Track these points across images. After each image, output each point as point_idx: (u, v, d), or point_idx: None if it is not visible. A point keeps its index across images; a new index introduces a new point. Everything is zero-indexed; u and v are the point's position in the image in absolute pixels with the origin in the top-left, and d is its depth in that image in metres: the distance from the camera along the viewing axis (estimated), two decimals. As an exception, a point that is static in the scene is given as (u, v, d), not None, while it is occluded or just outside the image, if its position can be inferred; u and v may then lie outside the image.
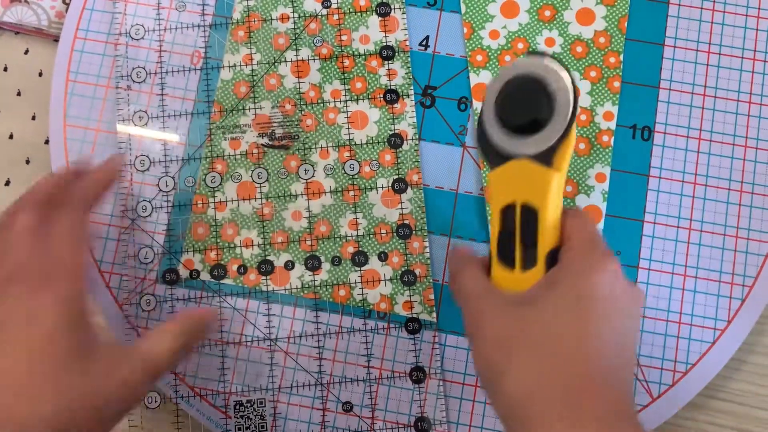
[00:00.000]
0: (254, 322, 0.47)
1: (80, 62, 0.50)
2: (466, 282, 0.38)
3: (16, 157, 0.50)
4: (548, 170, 0.36)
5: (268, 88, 0.49)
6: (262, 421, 0.45)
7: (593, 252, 0.36)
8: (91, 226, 0.41)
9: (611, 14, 0.49)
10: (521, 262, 0.37)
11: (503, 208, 0.38)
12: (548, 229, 0.36)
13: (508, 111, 0.37)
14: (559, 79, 0.36)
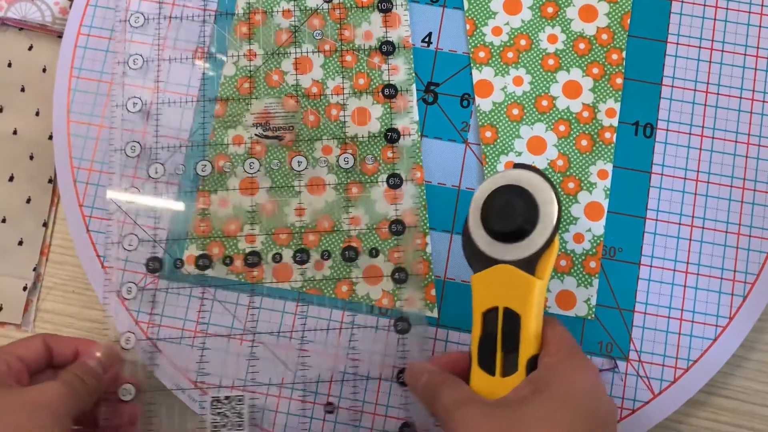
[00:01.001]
0: (257, 318, 0.47)
1: (84, 58, 0.50)
2: (448, 395, 0.37)
3: (19, 152, 0.51)
4: (532, 278, 0.37)
5: (270, 84, 0.49)
6: (239, 418, 0.45)
7: (575, 358, 0.37)
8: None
9: (614, 11, 0.49)
10: (502, 368, 0.38)
11: (485, 311, 0.38)
12: (530, 335, 0.37)
13: (494, 218, 0.38)
14: (544, 192, 0.37)
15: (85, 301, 0.48)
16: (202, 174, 0.48)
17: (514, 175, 0.38)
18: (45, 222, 0.49)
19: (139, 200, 0.48)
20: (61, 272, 0.48)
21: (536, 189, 0.38)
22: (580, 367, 0.37)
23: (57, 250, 0.49)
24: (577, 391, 0.36)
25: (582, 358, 0.37)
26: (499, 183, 0.39)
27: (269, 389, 0.46)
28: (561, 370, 0.36)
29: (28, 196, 0.49)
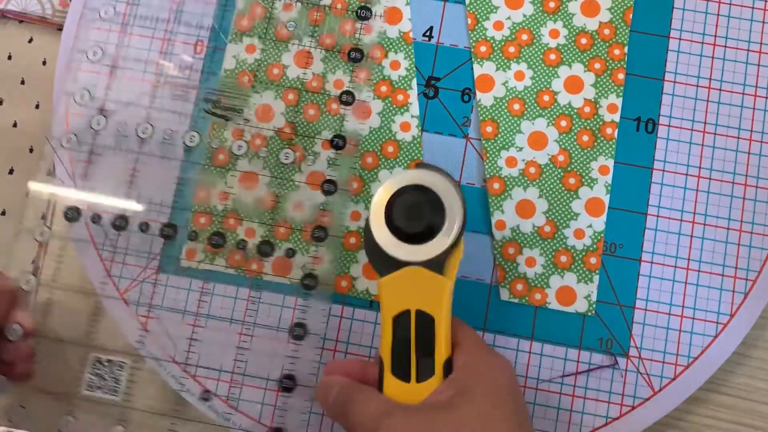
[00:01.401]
0: (257, 310, 0.47)
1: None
2: (364, 407, 0.36)
3: (19, 145, 0.51)
4: (443, 279, 0.37)
5: (270, 78, 0.49)
6: (116, 384, 0.44)
7: (491, 357, 0.37)
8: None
9: (616, 6, 0.49)
10: (417, 373, 0.37)
11: (396, 315, 0.37)
12: (444, 337, 0.37)
13: (400, 219, 0.37)
14: (449, 191, 0.37)
15: (83, 294, 0.48)
16: (205, 168, 0.48)
17: (418, 175, 0.37)
18: (44, 215, 0.49)
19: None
20: (59, 265, 0.48)
21: (440, 189, 0.37)
22: (499, 366, 0.37)
23: (56, 243, 0.49)
24: (501, 390, 0.36)
25: (497, 357, 0.38)
26: (402, 183, 0.37)
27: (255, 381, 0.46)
28: (482, 371, 0.36)
29: (27, 189, 0.49)
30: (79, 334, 0.46)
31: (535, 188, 0.47)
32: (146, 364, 0.46)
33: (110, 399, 0.44)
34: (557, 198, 0.47)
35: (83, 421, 0.44)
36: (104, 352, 0.45)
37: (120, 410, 0.45)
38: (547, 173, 0.48)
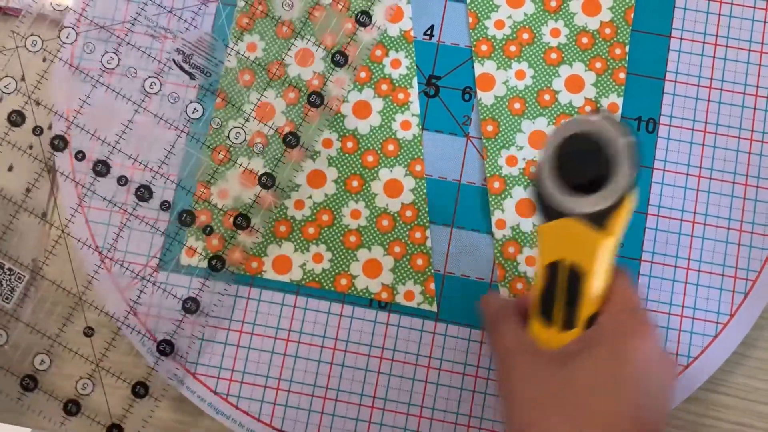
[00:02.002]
0: (257, 310, 0.47)
1: (83, 48, 0.50)
2: (504, 336, 0.38)
3: (19, 142, 0.50)
4: (600, 233, 0.35)
5: (271, 76, 0.49)
6: (11, 293, 0.46)
7: (634, 317, 0.36)
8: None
9: (617, 5, 0.49)
10: (561, 321, 0.37)
11: (549, 264, 0.37)
12: (593, 293, 0.36)
13: (566, 167, 0.35)
14: (620, 143, 0.34)
15: (82, 291, 0.48)
16: (205, 166, 0.48)
17: (590, 122, 0.35)
18: (44, 212, 0.49)
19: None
20: (59, 262, 0.48)
21: (613, 138, 0.34)
22: (634, 329, 0.36)
23: (41, 246, 0.49)
24: (625, 354, 0.35)
25: (640, 321, 0.36)
26: (574, 129, 0.35)
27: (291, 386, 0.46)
28: (613, 331, 0.36)
29: (26, 186, 0.49)
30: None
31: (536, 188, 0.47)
32: (43, 283, 0.47)
33: (1, 304, 0.46)
34: (557, 197, 0.47)
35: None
36: (8, 260, 0.47)
37: (7, 318, 0.46)
38: (548, 172, 0.48)
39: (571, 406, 0.34)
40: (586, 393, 0.34)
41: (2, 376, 0.47)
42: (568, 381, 0.35)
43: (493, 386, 0.46)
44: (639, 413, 0.35)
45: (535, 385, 0.35)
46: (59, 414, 0.46)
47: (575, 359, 0.35)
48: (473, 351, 0.46)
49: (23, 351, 0.47)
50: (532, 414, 0.35)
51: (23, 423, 0.47)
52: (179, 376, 0.46)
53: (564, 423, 0.34)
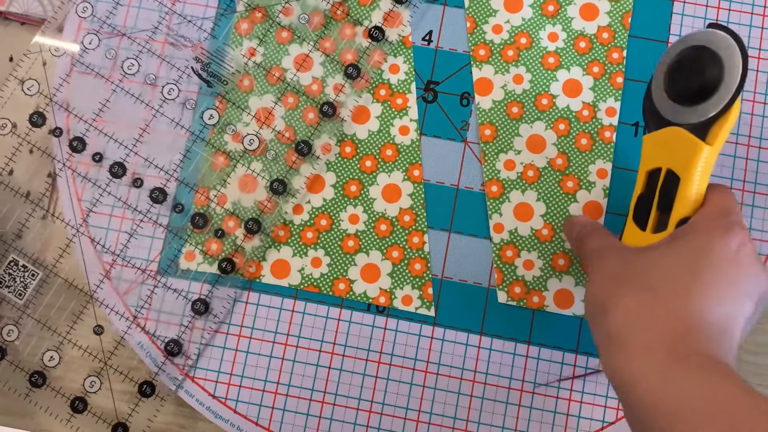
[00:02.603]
0: (255, 314, 0.47)
1: (84, 53, 0.50)
2: (593, 240, 0.40)
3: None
4: (700, 142, 0.37)
5: (270, 81, 0.49)
6: (24, 289, 0.47)
7: (725, 218, 0.36)
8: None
9: (615, 10, 0.49)
10: (653, 225, 0.39)
11: (650, 171, 0.40)
12: (686, 197, 0.37)
13: (676, 78, 0.38)
14: (732, 57, 0.36)
15: (93, 289, 0.48)
16: (204, 171, 0.48)
17: (701, 33, 0.37)
18: (44, 215, 0.49)
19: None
20: (60, 265, 0.48)
21: (724, 51, 0.36)
22: (723, 227, 0.36)
23: (43, 237, 0.49)
24: (709, 246, 0.35)
25: (732, 221, 0.36)
26: (690, 43, 0.38)
27: (289, 390, 0.47)
28: (702, 227, 0.36)
29: (27, 190, 0.49)
30: (6, 233, 0.48)
31: (533, 191, 0.48)
32: (56, 281, 0.48)
33: (13, 300, 0.47)
34: (555, 201, 0.47)
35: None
36: (23, 257, 0.47)
37: (19, 314, 0.47)
38: (546, 176, 0.48)
39: (645, 284, 0.35)
40: (662, 273, 0.35)
41: (11, 371, 0.47)
42: (648, 263, 0.36)
43: (491, 391, 0.46)
44: (709, 301, 0.34)
45: (616, 266, 0.37)
46: (66, 411, 0.47)
47: (658, 247, 0.37)
48: (470, 356, 0.47)
49: (33, 347, 0.47)
50: (610, 289, 0.36)
51: (29, 420, 0.47)
52: (179, 380, 0.46)
53: (637, 298, 0.35)
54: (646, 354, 0.33)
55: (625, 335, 0.34)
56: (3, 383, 0.47)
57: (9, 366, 0.47)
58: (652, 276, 0.35)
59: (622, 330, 0.35)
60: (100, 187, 0.48)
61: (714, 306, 0.34)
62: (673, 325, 0.34)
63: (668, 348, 0.33)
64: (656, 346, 0.34)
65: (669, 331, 0.34)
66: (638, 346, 0.34)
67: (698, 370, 0.32)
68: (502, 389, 0.46)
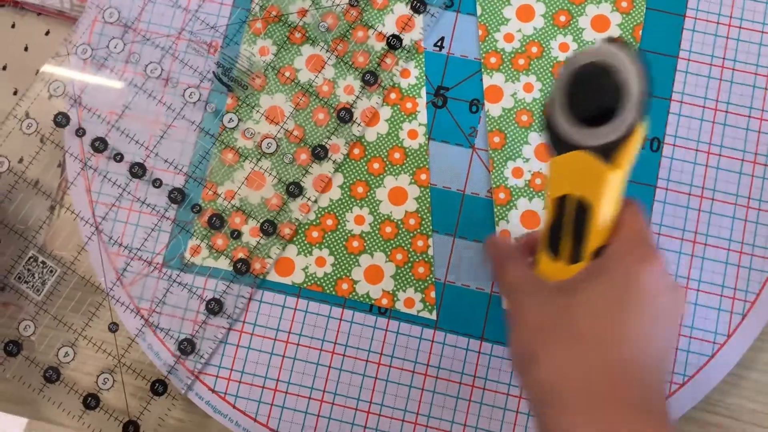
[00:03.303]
0: (258, 311, 0.48)
1: (90, 40, 0.50)
2: (511, 273, 0.38)
3: (31, 136, 0.51)
4: (607, 166, 0.34)
5: (282, 81, 0.49)
6: (42, 285, 0.47)
7: (641, 246, 0.35)
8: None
9: (626, 22, 0.50)
10: (568, 255, 0.37)
11: (558, 197, 0.37)
12: (600, 227, 0.35)
13: (574, 98, 0.35)
14: (632, 73, 0.33)
15: (83, 285, 0.48)
16: (213, 168, 0.48)
17: (599, 51, 0.34)
18: (52, 206, 0.50)
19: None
20: (78, 262, 0.48)
21: (624, 69, 0.33)
22: (642, 257, 0.35)
23: (62, 234, 0.50)
24: (630, 280, 0.34)
25: (648, 248, 0.35)
26: (584, 60, 0.34)
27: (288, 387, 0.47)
28: (619, 258, 0.35)
29: (48, 188, 0.50)
30: (27, 229, 0.48)
31: (540, 199, 0.48)
32: (74, 278, 0.48)
33: (31, 295, 0.47)
34: (560, 211, 0.48)
35: (1, 305, 0.48)
36: (43, 254, 0.48)
37: (36, 309, 0.47)
38: (552, 186, 0.48)
39: (574, 331, 0.34)
40: (589, 318, 0.34)
41: (26, 366, 0.47)
42: (573, 307, 0.34)
43: (490, 397, 0.46)
44: (643, 341, 0.34)
45: (539, 313, 0.35)
46: (78, 407, 0.47)
47: (580, 286, 0.35)
48: (470, 360, 0.47)
49: (49, 343, 0.47)
50: (536, 341, 0.35)
51: (42, 414, 0.47)
52: (189, 381, 0.47)
53: (566, 349, 0.34)
54: (584, 411, 0.33)
55: (560, 391, 0.33)
56: (18, 378, 0.47)
57: (24, 361, 0.47)
58: (580, 323, 0.34)
59: (556, 385, 0.34)
60: (120, 186, 0.49)
61: (646, 347, 0.34)
62: (608, 374, 0.33)
63: (606, 401, 0.33)
64: (593, 400, 0.33)
65: (605, 382, 0.33)
66: (575, 402, 0.33)
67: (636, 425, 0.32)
68: (501, 395, 0.46)
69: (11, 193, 0.49)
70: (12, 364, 0.47)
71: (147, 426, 0.47)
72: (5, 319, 0.48)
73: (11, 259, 0.48)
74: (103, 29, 0.50)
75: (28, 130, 0.49)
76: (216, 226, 0.48)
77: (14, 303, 0.47)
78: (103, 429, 0.47)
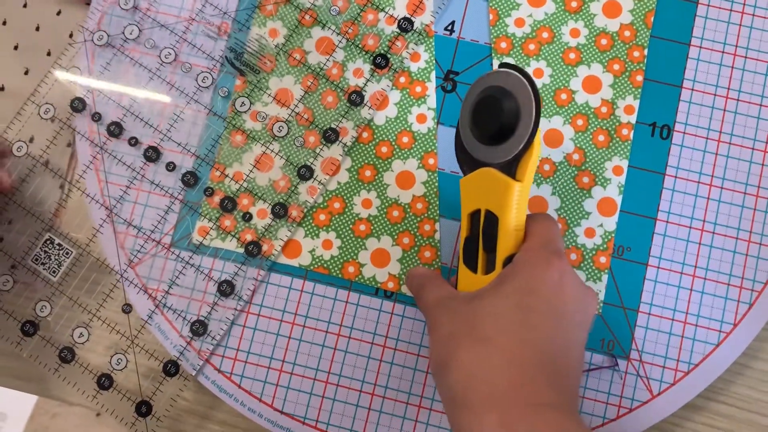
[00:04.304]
0: (264, 292, 0.48)
1: (110, 25, 0.51)
2: (428, 294, 0.40)
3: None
4: (510, 180, 0.38)
5: (291, 63, 0.49)
6: (58, 266, 0.48)
7: (544, 251, 0.37)
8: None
9: (638, 8, 0.49)
10: (483, 266, 0.39)
11: (470, 213, 0.40)
12: (507, 235, 0.38)
13: (479, 119, 0.39)
14: (525, 95, 0.37)
15: (98, 267, 0.49)
16: (221, 148, 0.49)
17: (497, 76, 0.39)
18: (62, 184, 0.50)
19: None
20: (81, 238, 0.49)
21: (518, 91, 0.38)
22: (543, 260, 0.37)
23: (78, 217, 0.50)
24: (532, 283, 0.36)
25: (550, 252, 0.38)
26: (486, 84, 0.39)
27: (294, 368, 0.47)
28: (524, 264, 0.37)
29: (47, 158, 0.50)
30: (44, 212, 0.49)
31: (548, 185, 0.48)
32: (89, 260, 0.49)
33: (48, 277, 0.48)
34: (570, 196, 0.48)
35: (18, 287, 0.48)
36: (59, 236, 0.48)
37: (52, 290, 0.48)
38: (561, 171, 0.48)
39: (480, 335, 0.36)
40: (492, 322, 0.36)
41: (42, 346, 0.48)
42: (478, 313, 0.36)
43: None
44: (544, 340, 0.36)
45: (450, 323, 0.37)
46: (92, 387, 0.47)
47: (486, 293, 0.37)
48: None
49: (64, 323, 0.48)
50: (448, 348, 0.36)
51: (55, 393, 0.48)
52: (200, 364, 0.47)
53: (472, 352, 0.35)
54: (488, 410, 0.34)
55: (467, 394, 0.35)
56: (34, 357, 0.48)
57: (41, 341, 0.48)
58: (485, 326, 0.36)
59: (463, 389, 0.35)
60: (135, 169, 0.49)
61: (547, 346, 0.36)
62: (511, 375, 0.35)
63: (509, 401, 0.34)
64: (497, 401, 0.34)
65: (508, 383, 0.34)
66: (480, 403, 0.34)
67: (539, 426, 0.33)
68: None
69: (29, 177, 0.49)
70: (29, 343, 0.48)
71: (159, 406, 0.47)
72: (23, 300, 0.48)
73: (29, 241, 0.48)
74: (115, 13, 0.50)
75: (45, 115, 0.50)
76: (228, 208, 0.48)
77: (31, 283, 0.48)
78: (116, 409, 0.47)
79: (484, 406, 0.34)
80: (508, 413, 0.34)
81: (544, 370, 0.35)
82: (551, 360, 0.36)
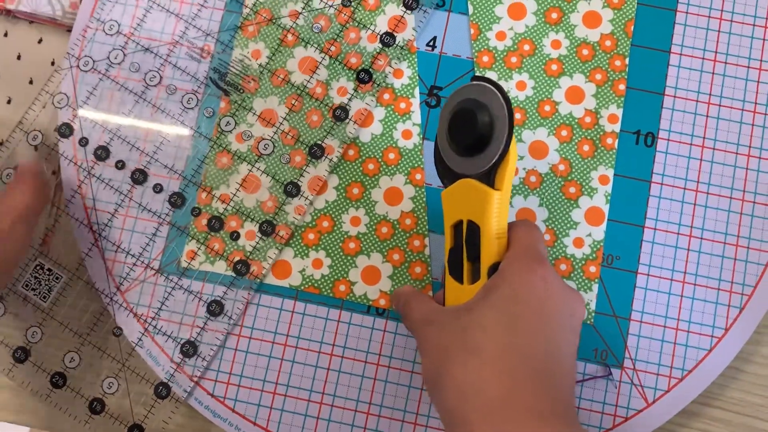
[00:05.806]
0: (255, 314, 0.47)
1: (94, 51, 0.50)
2: (414, 311, 0.40)
3: (24, 143, 0.51)
4: (489, 190, 0.38)
5: (275, 83, 0.49)
6: (48, 293, 0.47)
7: (527, 258, 0.38)
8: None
9: (618, 18, 0.50)
10: (469, 276, 0.40)
11: (453, 224, 0.41)
12: (490, 244, 0.39)
13: (455, 132, 0.39)
14: (498, 106, 0.38)
15: (88, 291, 0.48)
16: (207, 172, 0.48)
17: (471, 89, 0.39)
18: (50, 210, 0.50)
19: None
20: (82, 268, 0.48)
21: (491, 103, 0.38)
22: (528, 268, 0.37)
23: (66, 242, 0.50)
24: (518, 291, 0.37)
25: (531, 259, 0.38)
26: (462, 97, 0.39)
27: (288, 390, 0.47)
28: (508, 273, 0.37)
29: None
30: (34, 238, 0.49)
31: (535, 197, 0.48)
32: (78, 284, 0.49)
33: (38, 302, 0.48)
34: (557, 207, 0.48)
35: (9, 315, 0.48)
36: (48, 262, 0.48)
37: (42, 316, 0.48)
38: (548, 182, 0.48)
39: (470, 347, 0.36)
40: (481, 333, 0.36)
41: (34, 372, 0.47)
42: (468, 326, 0.36)
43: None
44: (532, 347, 0.36)
45: (439, 338, 0.37)
46: (84, 412, 0.47)
47: (474, 305, 0.37)
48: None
49: (55, 348, 0.48)
50: (439, 362, 0.36)
51: (46, 422, 0.48)
52: (189, 388, 0.47)
53: (463, 365, 0.35)
54: (482, 421, 0.34)
55: (462, 407, 0.35)
56: (26, 384, 0.47)
57: (32, 367, 0.47)
58: (475, 338, 0.36)
59: (457, 403, 0.35)
60: (122, 193, 0.49)
61: (538, 353, 0.36)
62: (504, 385, 0.35)
63: (504, 412, 0.34)
64: (492, 413, 0.34)
65: (502, 393, 0.35)
66: (476, 416, 0.34)
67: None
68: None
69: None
70: (20, 370, 0.47)
71: (151, 429, 0.46)
72: (11, 330, 0.48)
73: (19, 267, 0.48)
74: (98, 39, 0.50)
75: (33, 142, 0.50)
76: (215, 228, 0.48)
77: (21, 311, 0.48)
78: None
79: (480, 419, 0.34)
80: (504, 425, 0.34)
81: (536, 377, 0.35)
82: (543, 366, 0.36)
